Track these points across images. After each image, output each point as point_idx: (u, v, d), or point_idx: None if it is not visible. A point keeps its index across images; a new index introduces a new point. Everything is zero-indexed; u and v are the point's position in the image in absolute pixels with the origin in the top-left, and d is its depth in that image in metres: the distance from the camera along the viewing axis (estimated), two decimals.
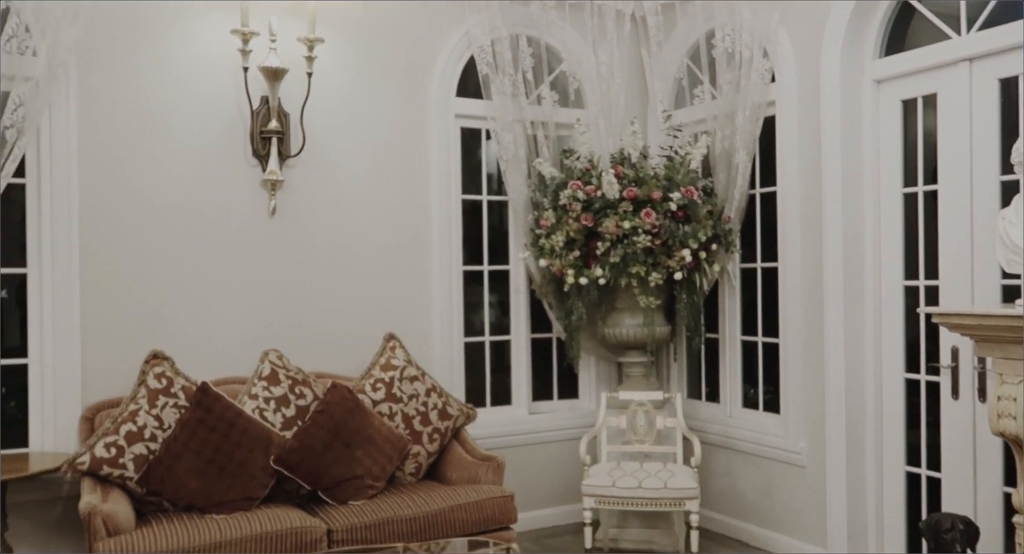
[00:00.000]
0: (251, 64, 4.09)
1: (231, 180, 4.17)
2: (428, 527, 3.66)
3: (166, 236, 4.03)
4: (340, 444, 3.78)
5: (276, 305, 4.27)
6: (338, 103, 4.41)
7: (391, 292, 4.55)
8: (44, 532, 3.77)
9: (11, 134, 3.62)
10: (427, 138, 4.65)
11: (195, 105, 4.09)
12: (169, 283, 4.04)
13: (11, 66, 3.59)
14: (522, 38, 4.78)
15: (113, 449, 3.51)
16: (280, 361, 4.00)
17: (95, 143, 3.88)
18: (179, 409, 3.69)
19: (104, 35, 3.88)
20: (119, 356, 3.88)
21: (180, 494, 3.55)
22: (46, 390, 3.81)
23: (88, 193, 3.86)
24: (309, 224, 4.35)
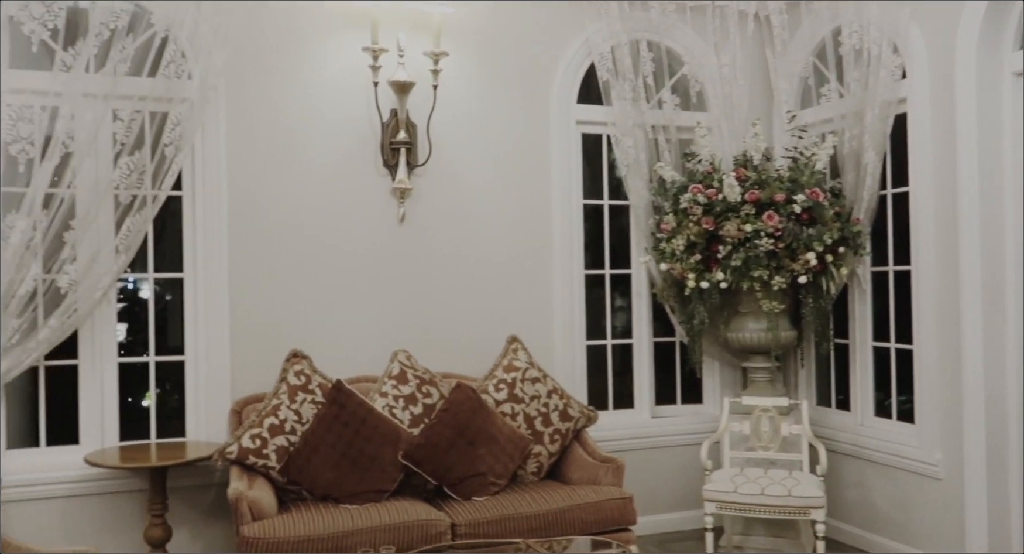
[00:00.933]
0: (381, 79, 4.32)
1: (363, 189, 4.41)
2: (548, 525, 3.75)
3: (305, 242, 4.31)
4: (464, 442, 3.93)
5: (405, 307, 4.48)
6: (462, 113, 4.58)
7: (514, 295, 4.68)
8: (199, 515, 4.11)
9: (170, 151, 3.98)
10: (548, 145, 4.75)
11: (330, 119, 4.35)
12: (307, 286, 4.32)
13: (170, 89, 3.95)
14: (642, 43, 4.81)
15: (258, 440, 3.79)
16: (408, 361, 4.19)
17: (242, 157, 4.21)
18: (316, 405, 3.94)
19: (249, 59, 4.20)
20: (263, 354, 4.18)
21: (317, 484, 3.79)
22: (200, 385, 4.16)
23: (236, 203, 4.19)
24: (435, 230, 4.54)
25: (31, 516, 3.81)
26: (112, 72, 3.83)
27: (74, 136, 3.80)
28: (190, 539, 4.08)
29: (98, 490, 3.96)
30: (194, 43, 3.99)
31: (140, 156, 3.95)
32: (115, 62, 3.83)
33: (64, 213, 3.82)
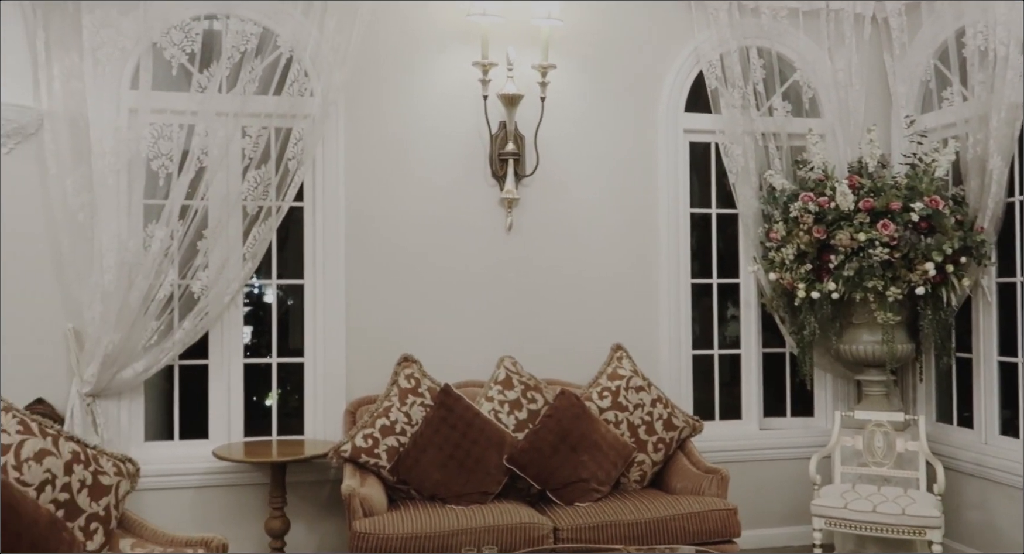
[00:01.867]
0: (490, 92, 4.44)
1: (472, 199, 4.55)
2: (650, 533, 3.76)
3: (416, 250, 4.48)
4: (567, 448, 3.99)
5: (511, 314, 4.58)
6: (569, 124, 4.65)
7: (619, 304, 4.71)
8: (315, 509, 4.33)
9: (293, 164, 4.22)
10: (656, 154, 4.76)
11: (440, 132, 4.51)
12: (418, 293, 4.48)
13: (293, 106, 4.20)
14: (752, 49, 4.75)
15: (370, 440, 3.97)
16: (514, 367, 4.29)
17: (359, 169, 4.41)
18: (425, 407, 4.09)
19: (366, 76, 4.40)
20: (376, 358, 4.36)
21: (425, 484, 3.93)
22: (318, 386, 4.38)
23: (353, 213, 4.40)
24: (542, 239, 4.62)
25: (164, 504, 4.10)
26: (242, 92, 4.10)
27: (207, 152, 4.09)
28: (307, 532, 4.30)
29: (224, 482, 4.23)
30: (316, 62, 4.22)
31: (266, 169, 4.21)
32: (244, 82, 4.11)
33: (198, 223, 4.12)
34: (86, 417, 3.97)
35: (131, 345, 4.02)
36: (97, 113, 3.98)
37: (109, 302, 3.95)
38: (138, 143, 4.05)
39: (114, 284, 3.96)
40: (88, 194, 3.98)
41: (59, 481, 2.84)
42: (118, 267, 3.97)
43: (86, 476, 2.92)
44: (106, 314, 3.96)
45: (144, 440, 4.24)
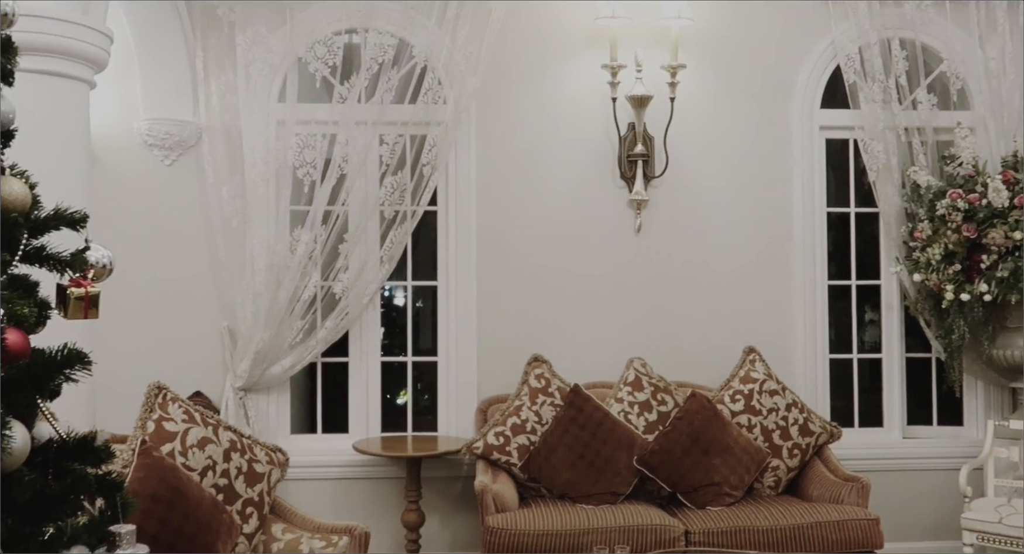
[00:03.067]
0: (619, 94, 4.45)
1: (601, 201, 4.57)
2: (786, 540, 3.67)
3: (546, 252, 4.55)
4: (699, 451, 3.95)
5: (640, 316, 4.57)
6: (699, 124, 4.60)
7: (751, 306, 4.61)
8: (448, 504, 4.46)
9: (427, 170, 4.37)
10: (789, 152, 4.64)
11: (569, 135, 4.56)
12: (547, 294, 4.54)
13: (428, 114, 4.35)
14: (894, 41, 4.55)
15: (501, 438, 4.05)
16: (644, 369, 4.28)
17: (490, 173, 4.52)
18: (555, 407, 4.14)
19: (496, 81, 4.50)
20: (506, 357, 4.44)
21: (555, 483, 3.98)
22: (451, 384, 4.51)
23: (484, 216, 4.51)
24: (672, 240, 4.59)
25: (307, 493, 4.31)
26: (379, 101, 4.29)
27: (348, 159, 4.29)
28: (440, 526, 4.44)
29: (363, 475, 4.42)
30: (449, 71, 4.36)
31: (402, 175, 4.38)
32: (382, 92, 4.29)
33: (339, 227, 4.33)
34: (239, 409, 4.24)
35: (279, 343, 4.27)
36: (249, 125, 4.25)
37: (259, 302, 4.21)
38: (285, 153, 4.30)
39: (264, 285, 4.22)
40: (241, 201, 4.26)
41: (219, 467, 3.06)
42: (267, 269, 4.22)
43: (242, 463, 3.13)
44: (256, 313, 4.22)
45: (290, 433, 4.48)
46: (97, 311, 1.51)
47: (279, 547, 3.13)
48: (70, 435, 1.50)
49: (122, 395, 3.51)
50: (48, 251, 1.49)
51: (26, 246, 1.46)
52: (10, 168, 1.50)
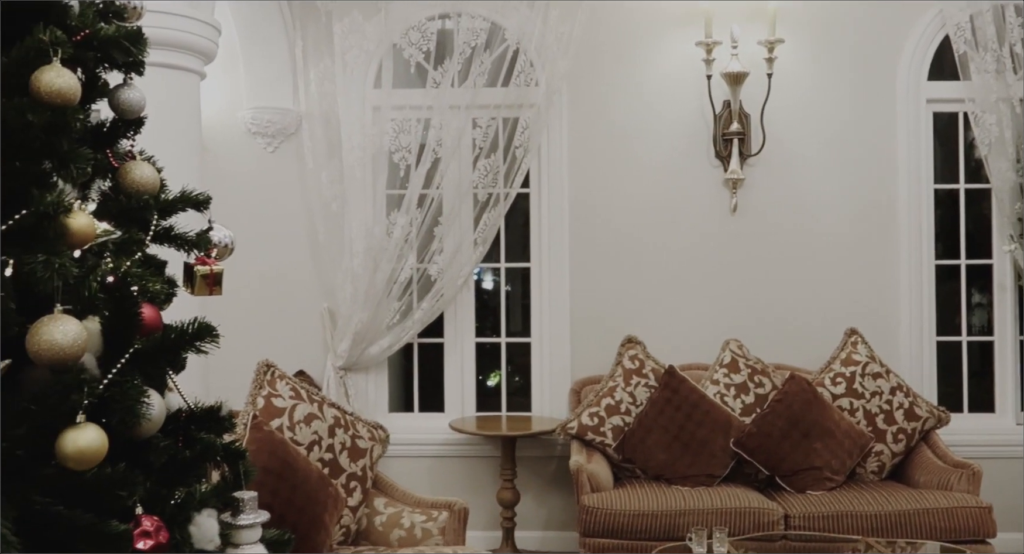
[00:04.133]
0: (714, 72, 4.37)
1: (695, 181, 4.50)
2: (890, 526, 3.56)
3: (638, 233, 4.52)
4: (798, 434, 3.87)
5: (736, 297, 4.50)
6: (798, 100, 4.47)
7: (852, 287, 4.48)
8: (542, 483, 4.50)
9: (519, 153, 4.40)
10: (893, 127, 4.46)
11: (662, 114, 4.50)
12: (641, 274, 4.51)
13: (520, 96, 4.37)
14: (1008, 8, 4.32)
15: (595, 419, 4.07)
16: (740, 350, 4.22)
17: (581, 155, 4.51)
18: (649, 389, 4.13)
19: (589, 62, 4.48)
20: (599, 339, 4.45)
21: (650, 464, 3.97)
22: (544, 365, 4.54)
23: (576, 198, 4.51)
24: (769, 220, 4.49)
25: (405, 470, 4.42)
26: (472, 85, 4.33)
27: (442, 143, 4.35)
28: (535, 504, 4.49)
29: (458, 453, 4.51)
30: (541, 52, 4.36)
31: (495, 158, 4.42)
32: (475, 76, 4.33)
33: (434, 211, 4.40)
34: (339, 388, 4.38)
35: (377, 324, 4.38)
36: (346, 111, 4.35)
37: (358, 284, 4.33)
38: (381, 138, 4.39)
39: (362, 268, 4.33)
40: (340, 186, 4.38)
41: (324, 442, 3.17)
42: (365, 252, 4.33)
43: (346, 439, 3.23)
44: (355, 295, 4.34)
45: (387, 411, 4.60)
46: (221, 288, 1.59)
47: (381, 520, 3.23)
48: (197, 405, 1.59)
49: (230, 372, 3.66)
50: (175, 231, 1.58)
51: (156, 227, 1.55)
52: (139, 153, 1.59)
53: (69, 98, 1.23)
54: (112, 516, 1.23)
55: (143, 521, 1.28)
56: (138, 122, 1.58)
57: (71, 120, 1.25)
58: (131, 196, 1.55)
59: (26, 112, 1.18)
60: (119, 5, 1.53)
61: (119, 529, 1.21)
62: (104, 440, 1.19)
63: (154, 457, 1.40)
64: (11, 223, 1.20)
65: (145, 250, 1.48)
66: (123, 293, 1.33)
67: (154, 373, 1.44)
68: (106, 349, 1.33)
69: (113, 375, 1.30)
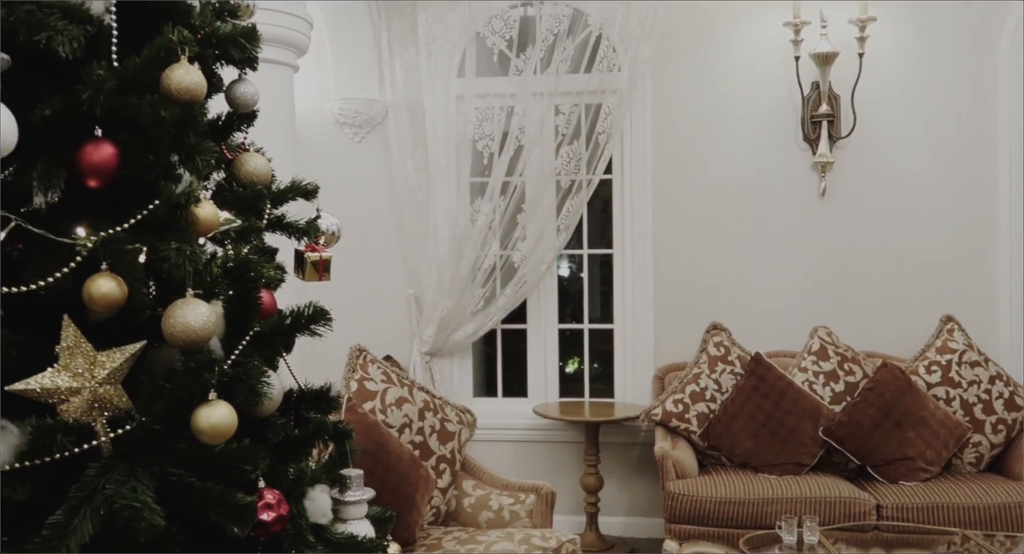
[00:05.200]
0: (802, 53, 4.27)
1: (782, 164, 4.42)
2: (989, 519, 3.46)
3: (723, 218, 4.46)
4: (890, 423, 3.78)
5: (824, 283, 4.41)
6: (891, 81, 4.34)
7: (948, 273, 4.34)
8: (625, 469, 4.52)
9: (602, 139, 4.39)
10: (995, 108, 4.29)
11: (747, 97, 4.43)
12: (726, 261, 4.46)
13: (603, 82, 4.36)
14: None
15: (680, 405, 4.05)
16: (829, 337, 4.13)
17: (665, 140, 4.48)
18: (735, 376, 4.09)
19: (673, 46, 4.43)
20: (683, 325, 4.43)
21: (735, 451, 3.94)
22: (627, 352, 4.55)
23: (659, 184, 4.48)
24: (859, 204, 4.38)
25: (490, 454, 4.49)
26: (555, 72, 4.34)
27: (524, 130, 4.38)
28: (618, 489, 4.50)
29: (542, 438, 4.56)
30: (624, 37, 4.34)
31: (577, 145, 4.42)
32: (557, 62, 4.33)
33: (517, 198, 4.44)
34: (425, 373, 4.47)
35: (461, 310, 4.45)
36: (431, 101, 4.42)
37: (443, 271, 4.40)
38: (465, 126, 4.44)
39: (447, 255, 4.40)
40: (424, 174, 4.45)
41: (414, 425, 3.25)
42: (450, 240, 4.40)
43: (435, 422, 3.31)
44: (440, 282, 4.41)
45: (472, 396, 4.68)
46: (329, 274, 1.66)
47: (470, 502, 3.29)
48: (307, 386, 1.66)
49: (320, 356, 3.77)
50: (287, 219, 1.65)
51: (269, 215, 1.62)
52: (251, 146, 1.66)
53: (196, 94, 1.30)
54: (238, 489, 1.30)
55: (265, 494, 1.35)
56: (251, 115, 1.65)
57: (198, 115, 1.32)
58: (245, 186, 1.62)
59: (159, 108, 1.25)
60: (233, 3, 1.60)
61: (245, 500, 1.28)
62: (234, 417, 1.26)
63: (272, 434, 1.47)
64: (145, 213, 1.27)
65: (263, 238, 1.55)
66: (243, 278, 1.40)
67: (270, 355, 1.51)
68: (228, 331, 1.40)
69: (236, 356, 1.37)
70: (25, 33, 1.21)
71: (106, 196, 1.32)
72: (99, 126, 1.27)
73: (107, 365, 1.24)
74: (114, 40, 1.30)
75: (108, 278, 1.22)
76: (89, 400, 1.22)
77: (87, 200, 1.32)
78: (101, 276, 1.22)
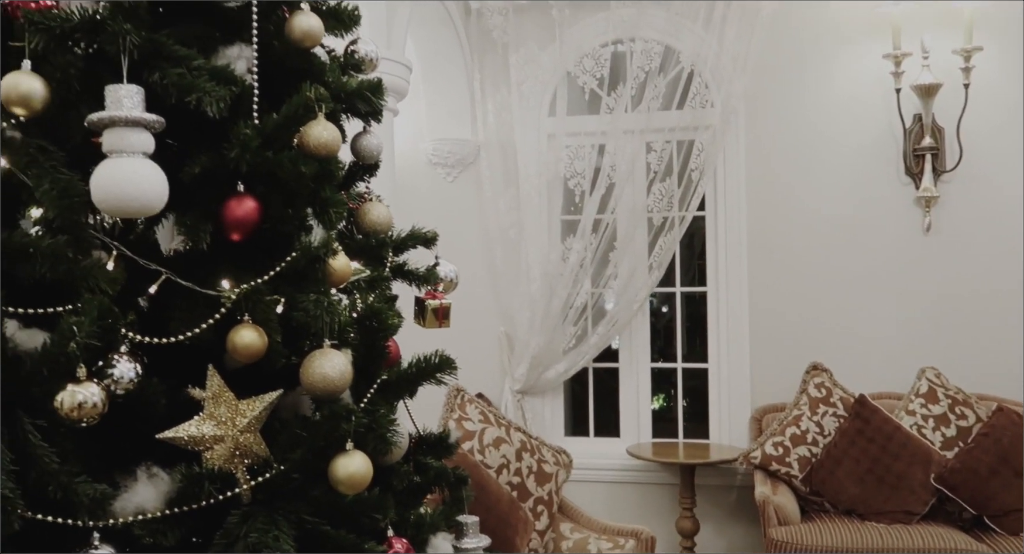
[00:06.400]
0: (903, 84, 4.16)
1: (883, 199, 4.29)
2: None
3: (822, 255, 4.34)
4: (1009, 471, 3.59)
5: (931, 322, 4.23)
6: (999, 111, 4.17)
7: None
8: (722, 513, 4.39)
9: (695, 175, 4.35)
10: None
11: (845, 131, 4.32)
12: (825, 298, 4.34)
13: (695, 118, 4.33)
14: None
15: (780, 448, 3.93)
16: (938, 379, 3.96)
17: (760, 176, 4.40)
18: (838, 418, 3.95)
19: (767, 80, 4.37)
20: (781, 365, 4.31)
21: (840, 497, 3.79)
22: (722, 391, 4.44)
23: (754, 220, 4.40)
24: (967, 239, 4.21)
25: (583, 495, 4.42)
26: (646, 109, 4.33)
27: (616, 168, 4.37)
28: (715, 534, 4.38)
29: (635, 479, 4.48)
30: (716, 73, 4.30)
31: (670, 182, 4.39)
32: (648, 100, 4.33)
33: (609, 236, 4.42)
34: (517, 411, 4.45)
35: (553, 348, 4.44)
36: (522, 140, 4.46)
37: (535, 309, 4.40)
38: (556, 164, 4.46)
39: (539, 293, 4.40)
40: (516, 213, 4.48)
41: (512, 466, 3.24)
42: (542, 278, 4.40)
43: (532, 463, 3.29)
44: (532, 319, 4.41)
45: (563, 435, 4.64)
46: (449, 321, 1.67)
47: (568, 546, 3.25)
48: (427, 432, 1.67)
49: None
50: (408, 267, 1.67)
51: (390, 263, 1.64)
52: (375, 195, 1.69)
53: (333, 150, 1.34)
54: (368, 536, 1.31)
55: (394, 543, 1.36)
56: (374, 166, 1.69)
57: (334, 169, 1.36)
58: (368, 235, 1.65)
59: (299, 164, 1.29)
60: (358, 58, 1.65)
61: (377, 549, 1.29)
62: (370, 467, 1.27)
63: (396, 482, 1.48)
64: (284, 265, 1.31)
65: (390, 287, 1.57)
66: (372, 327, 1.43)
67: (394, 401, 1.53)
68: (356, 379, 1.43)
69: (365, 404, 1.39)
70: (176, 95, 1.27)
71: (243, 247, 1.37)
72: (241, 181, 1.32)
73: (248, 413, 1.27)
74: (255, 98, 1.36)
75: (251, 329, 1.26)
76: (231, 448, 1.25)
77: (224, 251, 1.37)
78: (244, 327, 1.26)
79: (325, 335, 1.29)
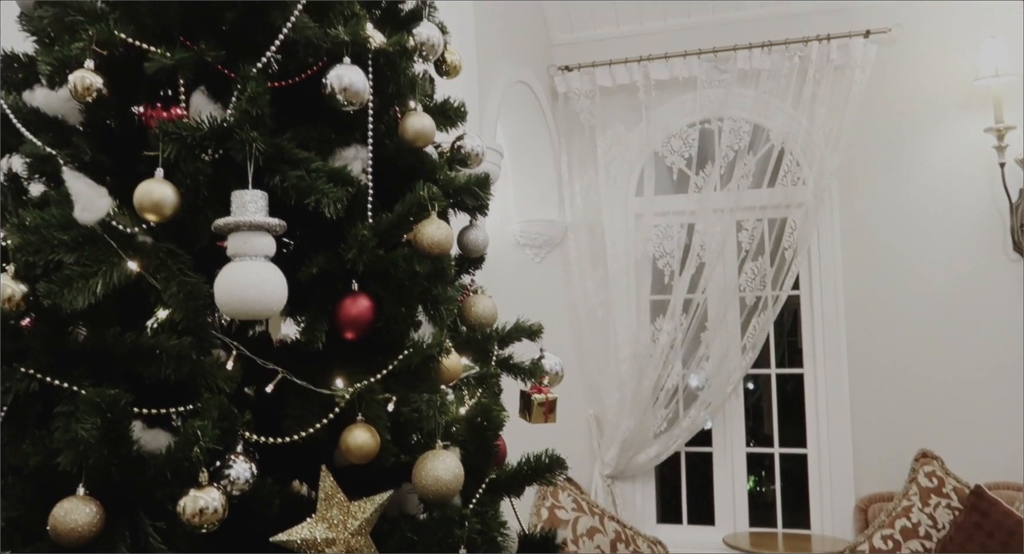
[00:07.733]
0: (1007, 158, 4.02)
1: (990, 276, 4.10)
2: None
3: (925, 335, 4.15)
4: None
5: None
6: None
7: None
8: None
9: (788, 254, 4.25)
10: None
11: (945, 207, 4.18)
12: (931, 381, 4.12)
13: (786, 196, 4.25)
14: None
15: (890, 542, 3.69)
16: None
17: (856, 254, 4.27)
18: (952, 510, 3.70)
19: (861, 156, 4.28)
20: (886, 450, 4.09)
21: None
22: (823, 478, 4.23)
23: (852, 299, 4.25)
24: None
25: None
26: (736, 188, 4.28)
27: (706, 247, 4.31)
28: None
29: None
30: (807, 150, 4.24)
31: (762, 261, 4.30)
32: (738, 178, 4.28)
33: (699, 316, 4.33)
34: (607, 496, 4.33)
35: (644, 431, 4.32)
36: (610, 220, 4.46)
37: (624, 390, 4.32)
38: (644, 244, 4.43)
39: (628, 374, 4.32)
40: (604, 293, 4.45)
41: None
42: (632, 358, 4.32)
43: None
44: (622, 402, 4.32)
45: (655, 522, 4.47)
46: (555, 415, 1.63)
47: None
48: (533, 531, 1.61)
49: None
50: (513, 361, 1.65)
51: (496, 356, 1.63)
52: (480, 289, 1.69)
53: (446, 248, 1.34)
54: None
55: None
56: (480, 259, 1.70)
57: (447, 268, 1.37)
58: (473, 328, 1.64)
59: (413, 263, 1.29)
60: (464, 153, 1.67)
61: None
62: None
63: None
64: (396, 363, 1.30)
65: (499, 384, 1.55)
66: (480, 424, 1.40)
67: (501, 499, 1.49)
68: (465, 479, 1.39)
69: (474, 505, 1.36)
70: (296, 197, 1.30)
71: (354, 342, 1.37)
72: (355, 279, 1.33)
73: (359, 516, 1.25)
74: (370, 198, 1.38)
75: (364, 430, 1.25)
76: (343, 551, 1.23)
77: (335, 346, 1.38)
78: (358, 427, 1.25)
79: (438, 435, 1.26)
